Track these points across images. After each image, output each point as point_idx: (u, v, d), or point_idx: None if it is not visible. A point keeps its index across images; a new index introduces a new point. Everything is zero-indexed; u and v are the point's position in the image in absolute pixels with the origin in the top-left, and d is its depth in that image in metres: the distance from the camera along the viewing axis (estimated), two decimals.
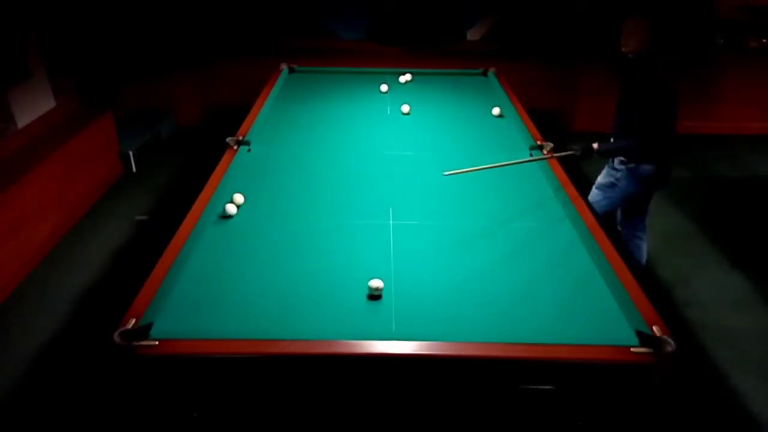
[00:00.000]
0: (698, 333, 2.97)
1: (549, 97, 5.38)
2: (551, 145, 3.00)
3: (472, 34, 5.49)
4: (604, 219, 3.04)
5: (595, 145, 2.87)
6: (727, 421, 2.51)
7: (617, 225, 3.25)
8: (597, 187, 3.17)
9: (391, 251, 2.17)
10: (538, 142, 3.06)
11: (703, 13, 5.17)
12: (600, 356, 1.65)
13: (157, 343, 1.64)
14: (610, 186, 3.09)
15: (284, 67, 4.37)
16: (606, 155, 2.98)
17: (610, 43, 5.23)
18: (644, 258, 3.20)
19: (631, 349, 1.65)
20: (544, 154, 2.93)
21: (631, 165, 2.93)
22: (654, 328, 1.70)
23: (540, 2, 5.33)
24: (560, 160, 2.87)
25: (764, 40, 5.27)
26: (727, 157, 5.10)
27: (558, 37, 5.36)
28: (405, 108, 3.60)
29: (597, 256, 2.13)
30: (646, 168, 2.89)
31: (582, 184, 3.63)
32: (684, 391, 2.61)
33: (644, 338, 1.69)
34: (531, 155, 2.99)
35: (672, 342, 1.63)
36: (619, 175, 3.03)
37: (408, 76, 4.24)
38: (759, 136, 5.50)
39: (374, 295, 1.92)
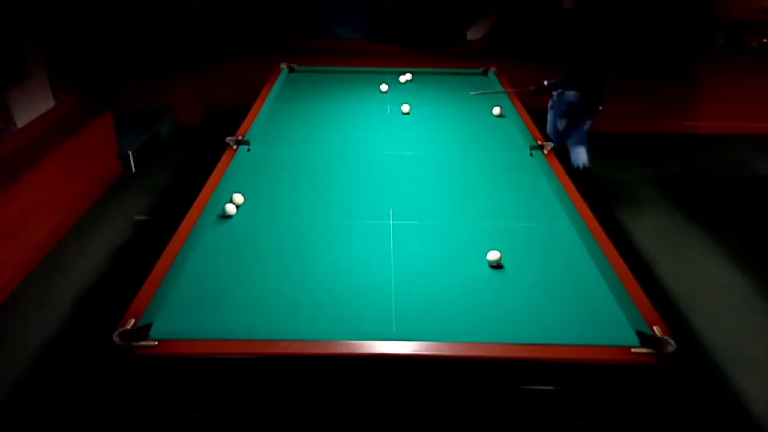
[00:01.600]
0: (698, 333, 2.97)
1: (550, 96, 5.37)
2: (551, 144, 3.01)
3: (473, 34, 5.49)
4: (555, 138, 4.00)
5: (545, 82, 3.80)
6: (727, 421, 2.51)
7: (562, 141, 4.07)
8: (548, 116, 4.15)
9: (391, 251, 2.17)
10: (539, 142, 3.06)
11: (703, 12, 5.18)
12: (600, 356, 1.65)
13: (156, 343, 1.63)
14: (551, 108, 4.10)
15: (284, 66, 4.36)
16: (554, 87, 3.87)
17: (610, 42, 5.25)
18: (586, 161, 3.96)
19: (632, 350, 1.65)
20: (544, 153, 2.95)
21: (559, 90, 3.93)
22: (655, 328, 1.70)
23: (540, 2, 5.32)
24: (559, 158, 2.90)
25: (765, 40, 5.27)
26: (727, 156, 5.10)
27: (558, 37, 5.35)
28: (405, 108, 3.60)
29: (597, 255, 2.12)
30: (570, 93, 3.86)
31: (581, 183, 3.63)
32: (684, 391, 2.61)
33: (645, 338, 1.69)
34: (531, 155, 3.00)
35: (673, 342, 1.63)
36: (554, 98, 4.05)
37: (408, 76, 4.24)
38: (759, 136, 5.49)
39: (494, 266, 2.07)
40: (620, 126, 5.51)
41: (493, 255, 2.09)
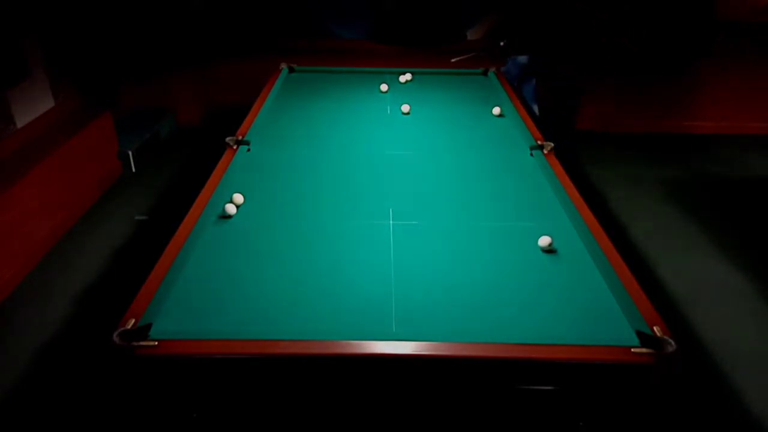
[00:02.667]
0: (698, 333, 2.97)
1: (550, 96, 5.37)
2: (552, 144, 3.01)
3: (472, 34, 5.49)
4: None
5: (502, 43, 4.94)
6: (727, 421, 2.51)
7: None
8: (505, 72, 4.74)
9: (391, 252, 2.17)
10: (539, 142, 3.06)
11: (703, 12, 5.17)
12: (600, 357, 1.65)
13: (156, 343, 1.63)
14: (507, 72, 4.80)
15: (284, 66, 4.36)
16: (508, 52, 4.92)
17: (610, 42, 5.25)
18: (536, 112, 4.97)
19: (632, 350, 1.65)
20: (544, 153, 2.95)
21: (512, 55, 4.94)
22: (655, 328, 1.70)
23: (540, 2, 5.32)
24: (556, 154, 2.90)
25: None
26: (726, 156, 5.10)
27: (558, 36, 5.35)
28: (405, 108, 3.60)
29: (597, 255, 2.12)
30: (521, 57, 4.91)
31: (582, 183, 3.65)
32: (684, 391, 2.61)
33: (645, 338, 1.69)
34: (531, 155, 3.01)
35: (673, 342, 1.63)
36: (508, 63, 4.95)
37: (408, 76, 4.24)
38: (759, 136, 5.49)
39: (547, 251, 2.16)
40: (620, 126, 5.52)
41: (544, 240, 2.18)
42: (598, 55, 5.23)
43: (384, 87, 3.99)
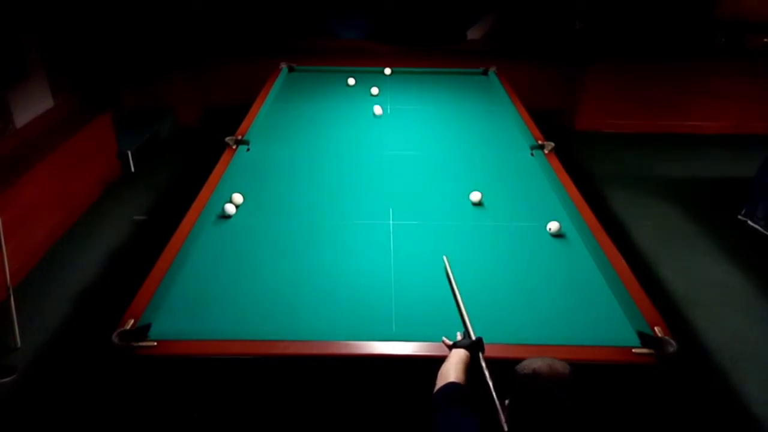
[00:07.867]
0: (698, 333, 2.96)
1: (550, 96, 5.37)
2: (552, 144, 3.00)
3: (473, 34, 5.49)
4: None
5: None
6: (727, 421, 2.50)
7: None
8: None
9: (391, 252, 2.17)
10: (540, 142, 3.06)
11: (704, 12, 5.17)
12: (601, 357, 1.65)
13: (155, 343, 1.63)
14: None
15: (284, 66, 4.36)
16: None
17: (611, 42, 5.25)
18: None
19: (633, 350, 1.65)
20: (545, 153, 2.95)
21: None
22: (656, 328, 1.70)
23: (541, 1, 5.32)
24: (559, 156, 2.88)
25: (765, 40, 5.26)
26: (726, 156, 5.10)
27: (560, 37, 5.35)
28: (374, 90, 3.80)
29: (598, 255, 2.12)
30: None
31: (582, 183, 3.64)
32: (684, 391, 2.60)
33: (646, 339, 1.68)
34: (532, 155, 3.00)
35: (673, 343, 1.63)
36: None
37: (388, 70, 4.32)
38: (759, 136, 5.48)
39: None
40: (620, 126, 5.51)
41: (554, 225, 2.26)
42: (597, 54, 5.23)
43: (375, 90, 3.91)
